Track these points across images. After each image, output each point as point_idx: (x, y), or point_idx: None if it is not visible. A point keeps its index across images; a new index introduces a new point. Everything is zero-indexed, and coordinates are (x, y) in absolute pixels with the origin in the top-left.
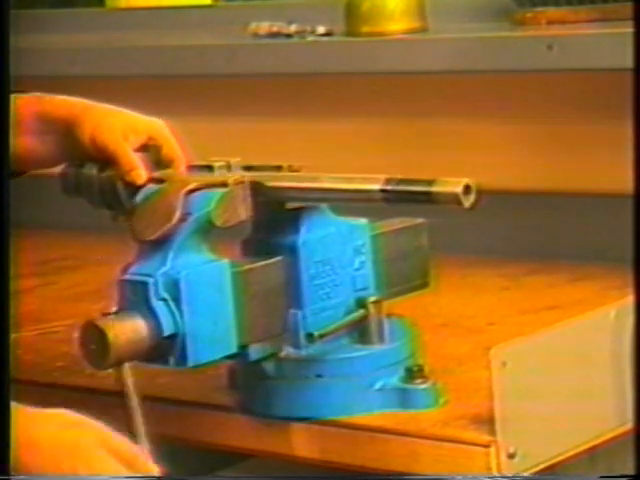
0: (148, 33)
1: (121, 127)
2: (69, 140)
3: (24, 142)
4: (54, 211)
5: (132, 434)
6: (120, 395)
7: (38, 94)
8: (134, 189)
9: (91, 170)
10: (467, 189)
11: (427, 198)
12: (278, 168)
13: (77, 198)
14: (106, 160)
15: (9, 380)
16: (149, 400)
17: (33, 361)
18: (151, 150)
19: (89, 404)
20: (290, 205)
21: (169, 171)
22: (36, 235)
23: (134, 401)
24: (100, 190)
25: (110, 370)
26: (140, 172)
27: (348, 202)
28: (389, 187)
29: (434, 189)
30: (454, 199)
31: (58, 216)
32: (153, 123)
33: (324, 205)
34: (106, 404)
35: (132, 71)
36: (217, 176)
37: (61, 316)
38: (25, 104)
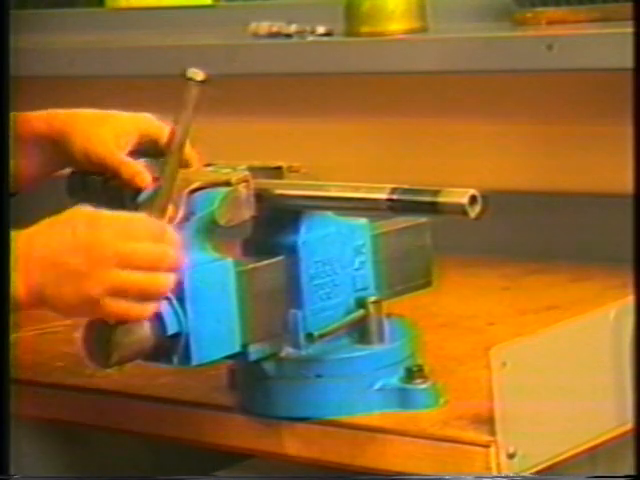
0: (148, 33)
1: (111, 134)
2: (55, 155)
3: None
4: (54, 211)
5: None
6: (120, 395)
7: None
8: (138, 192)
9: (97, 176)
10: (473, 199)
11: (433, 208)
12: (278, 168)
13: (82, 202)
14: (104, 171)
15: (9, 380)
16: (149, 400)
17: (33, 361)
18: (147, 146)
19: (89, 404)
20: None
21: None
22: None
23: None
24: (106, 197)
25: (110, 370)
26: (143, 176)
27: (354, 211)
28: (395, 196)
29: (440, 199)
30: (460, 210)
31: None
32: (140, 119)
33: None
34: (106, 404)
35: (132, 71)
36: (220, 175)
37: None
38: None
